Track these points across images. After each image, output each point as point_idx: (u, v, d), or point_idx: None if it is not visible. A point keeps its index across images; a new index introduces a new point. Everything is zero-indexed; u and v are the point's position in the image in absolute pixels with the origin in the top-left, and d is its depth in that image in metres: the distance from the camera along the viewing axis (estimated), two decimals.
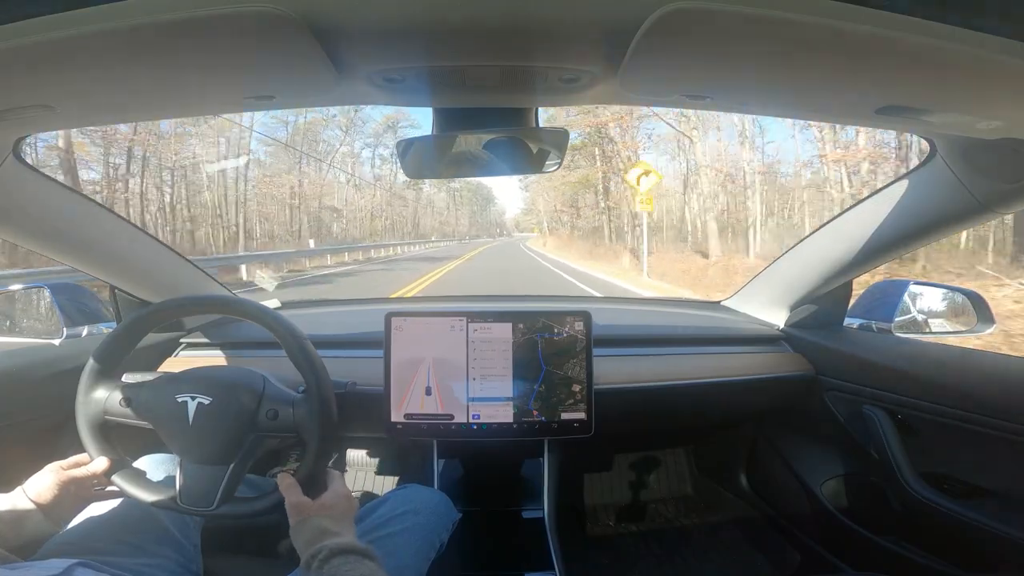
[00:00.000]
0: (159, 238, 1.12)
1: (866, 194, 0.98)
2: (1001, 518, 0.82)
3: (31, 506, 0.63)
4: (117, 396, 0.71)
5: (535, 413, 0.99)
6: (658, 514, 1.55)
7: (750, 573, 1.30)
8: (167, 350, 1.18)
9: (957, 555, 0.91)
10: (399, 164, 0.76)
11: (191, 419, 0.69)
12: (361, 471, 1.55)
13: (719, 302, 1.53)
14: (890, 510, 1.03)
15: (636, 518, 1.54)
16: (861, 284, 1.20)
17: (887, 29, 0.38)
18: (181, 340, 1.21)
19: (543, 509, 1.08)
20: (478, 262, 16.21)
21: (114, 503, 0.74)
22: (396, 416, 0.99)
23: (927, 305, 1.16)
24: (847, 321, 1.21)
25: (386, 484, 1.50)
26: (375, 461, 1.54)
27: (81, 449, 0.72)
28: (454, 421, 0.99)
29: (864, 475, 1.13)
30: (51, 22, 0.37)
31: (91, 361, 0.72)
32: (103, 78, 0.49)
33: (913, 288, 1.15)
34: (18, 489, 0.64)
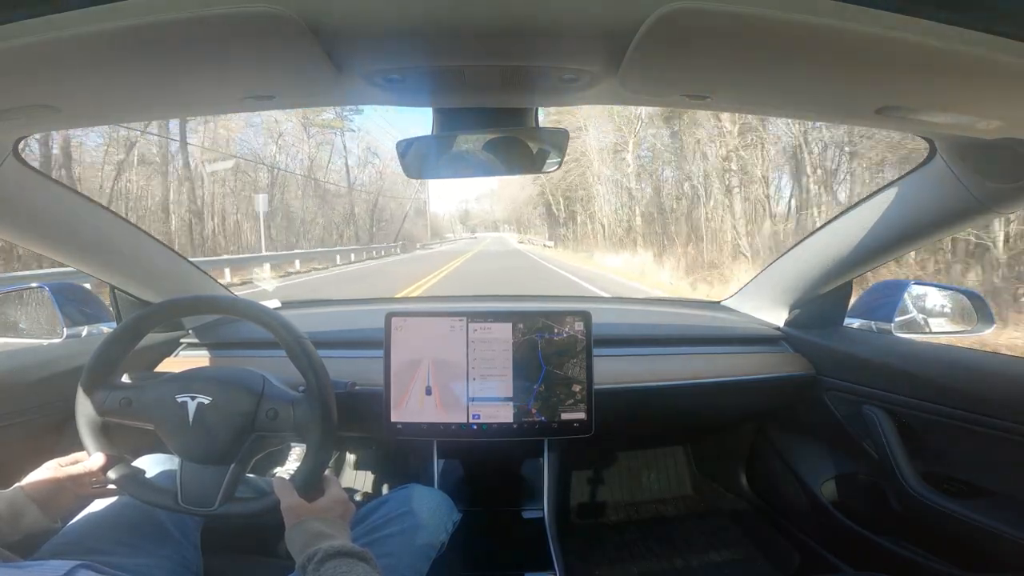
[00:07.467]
0: (161, 238, 1.12)
1: (865, 194, 0.98)
2: (1001, 518, 0.82)
3: (28, 502, 0.63)
4: (117, 396, 0.71)
5: (535, 413, 0.99)
6: (658, 514, 1.55)
7: (750, 573, 1.30)
8: (167, 350, 1.18)
9: (957, 555, 0.91)
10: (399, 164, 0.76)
11: (191, 419, 0.69)
12: (361, 471, 1.54)
13: (719, 302, 1.53)
14: (890, 510, 1.03)
15: (636, 518, 1.54)
16: (862, 284, 1.20)
17: (887, 29, 0.38)
18: (181, 340, 1.21)
19: (543, 509, 1.08)
20: None
21: (114, 503, 0.74)
22: (396, 416, 0.99)
23: (927, 305, 1.16)
24: (847, 321, 1.21)
25: (386, 484, 1.50)
26: (375, 461, 1.54)
27: (81, 448, 0.72)
28: (454, 421, 0.99)
29: (864, 475, 1.13)
30: (51, 22, 0.37)
31: (91, 361, 0.72)
32: (103, 78, 0.49)
33: (913, 288, 1.15)
34: (15, 485, 0.65)
